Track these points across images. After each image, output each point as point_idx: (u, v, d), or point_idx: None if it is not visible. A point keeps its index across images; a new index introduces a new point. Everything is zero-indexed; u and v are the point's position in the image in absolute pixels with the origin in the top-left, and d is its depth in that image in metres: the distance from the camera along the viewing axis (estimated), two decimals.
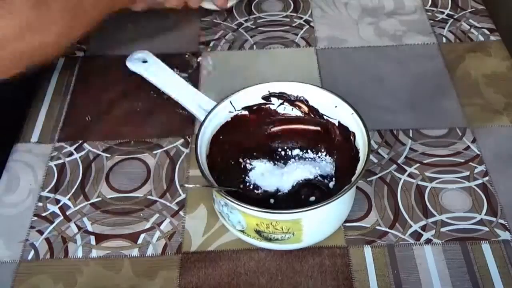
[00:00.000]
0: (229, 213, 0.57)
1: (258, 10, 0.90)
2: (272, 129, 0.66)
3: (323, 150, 0.65)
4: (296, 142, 0.66)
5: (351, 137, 0.60)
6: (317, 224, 0.57)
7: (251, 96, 0.64)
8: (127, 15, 0.90)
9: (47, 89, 0.78)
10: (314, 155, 0.65)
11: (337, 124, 0.62)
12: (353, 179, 0.55)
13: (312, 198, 0.61)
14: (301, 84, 0.63)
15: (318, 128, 0.65)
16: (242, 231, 0.58)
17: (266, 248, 0.59)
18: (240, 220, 0.56)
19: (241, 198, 0.55)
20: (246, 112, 0.64)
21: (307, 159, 0.65)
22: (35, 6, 0.54)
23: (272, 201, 0.61)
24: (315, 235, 0.58)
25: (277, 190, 0.62)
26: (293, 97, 0.64)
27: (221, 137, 0.62)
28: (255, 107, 0.64)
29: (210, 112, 0.62)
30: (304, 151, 0.65)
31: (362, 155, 0.57)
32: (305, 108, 0.64)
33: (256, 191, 0.61)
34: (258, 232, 0.56)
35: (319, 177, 0.62)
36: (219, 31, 0.86)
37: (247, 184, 0.62)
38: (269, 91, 0.64)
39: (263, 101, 0.64)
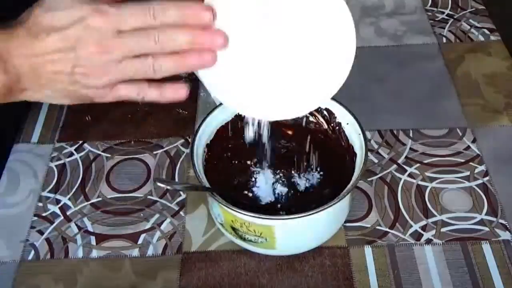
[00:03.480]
0: (212, 204, 0.57)
1: None
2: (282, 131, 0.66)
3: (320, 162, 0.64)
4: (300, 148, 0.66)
5: (354, 158, 0.59)
6: (292, 235, 0.56)
7: None
8: None
9: None
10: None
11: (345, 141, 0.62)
12: (335, 199, 0.53)
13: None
14: None
15: (328, 141, 0.64)
16: (222, 225, 0.58)
17: (242, 247, 0.59)
18: (220, 213, 0.57)
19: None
20: None
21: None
22: None
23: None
24: (290, 245, 0.58)
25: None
26: None
27: (228, 130, 0.63)
28: None
29: (219, 107, 0.62)
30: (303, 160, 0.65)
31: (354, 178, 0.55)
32: (321, 119, 0.63)
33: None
34: (233, 229, 0.56)
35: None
36: None
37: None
38: None
39: None
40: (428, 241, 0.59)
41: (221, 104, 0.62)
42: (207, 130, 0.61)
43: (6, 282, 0.58)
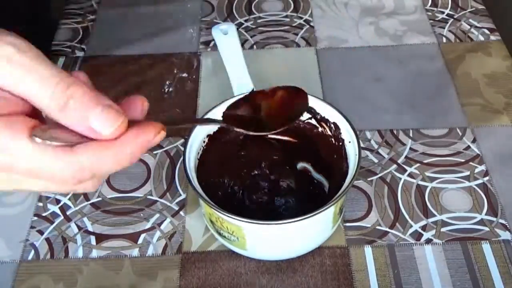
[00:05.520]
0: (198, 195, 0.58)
1: (258, 10, 0.90)
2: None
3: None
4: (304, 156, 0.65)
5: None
6: (262, 240, 0.56)
7: None
8: (126, 15, 0.91)
9: None
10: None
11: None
12: (302, 216, 0.52)
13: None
14: (331, 108, 0.61)
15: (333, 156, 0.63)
16: (204, 215, 0.59)
17: (219, 240, 0.59)
18: (201, 203, 0.57)
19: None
20: None
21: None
22: None
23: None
24: (261, 250, 0.58)
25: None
26: (320, 117, 0.62)
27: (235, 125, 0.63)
28: None
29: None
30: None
31: (337, 195, 0.53)
32: (328, 132, 0.62)
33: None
34: (211, 221, 0.57)
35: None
36: None
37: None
38: None
39: None
40: (428, 241, 0.59)
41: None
42: (218, 111, 0.61)
43: (6, 282, 0.58)
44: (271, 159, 0.65)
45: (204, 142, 0.61)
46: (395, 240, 0.60)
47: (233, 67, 0.68)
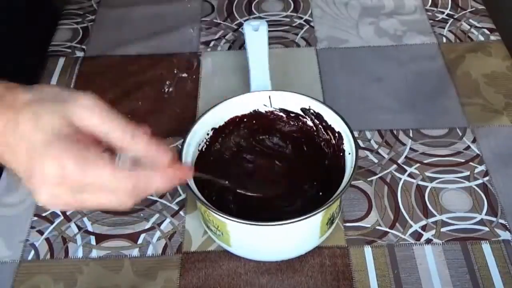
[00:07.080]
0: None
1: (258, 10, 0.90)
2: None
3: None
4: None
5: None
6: (245, 239, 0.56)
7: (291, 102, 0.63)
8: (126, 15, 0.91)
9: None
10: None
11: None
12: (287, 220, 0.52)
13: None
14: (337, 116, 0.60)
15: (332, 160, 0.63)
16: (199, 209, 0.59)
17: (208, 233, 0.60)
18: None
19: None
20: (282, 114, 0.64)
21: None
22: None
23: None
24: (245, 249, 0.58)
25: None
26: (326, 124, 0.62)
27: (245, 121, 0.64)
28: (293, 114, 0.64)
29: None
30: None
31: (324, 205, 0.53)
32: (333, 140, 0.62)
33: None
34: (201, 213, 0.57)
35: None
36: (219, 31, 0.86)
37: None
38: (309, 106, 0.62)
39: (301, 113, 0.64)
40: (428, 241, 0.59)
41: (257, 92, 0.64)
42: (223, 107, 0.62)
43: (6, 282, 0.58)
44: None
45: (208, 134, 0.61)
46: (395, 240, 0.60)
47: (256, 65, 0.68)
